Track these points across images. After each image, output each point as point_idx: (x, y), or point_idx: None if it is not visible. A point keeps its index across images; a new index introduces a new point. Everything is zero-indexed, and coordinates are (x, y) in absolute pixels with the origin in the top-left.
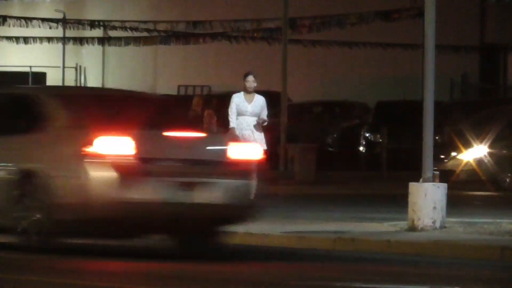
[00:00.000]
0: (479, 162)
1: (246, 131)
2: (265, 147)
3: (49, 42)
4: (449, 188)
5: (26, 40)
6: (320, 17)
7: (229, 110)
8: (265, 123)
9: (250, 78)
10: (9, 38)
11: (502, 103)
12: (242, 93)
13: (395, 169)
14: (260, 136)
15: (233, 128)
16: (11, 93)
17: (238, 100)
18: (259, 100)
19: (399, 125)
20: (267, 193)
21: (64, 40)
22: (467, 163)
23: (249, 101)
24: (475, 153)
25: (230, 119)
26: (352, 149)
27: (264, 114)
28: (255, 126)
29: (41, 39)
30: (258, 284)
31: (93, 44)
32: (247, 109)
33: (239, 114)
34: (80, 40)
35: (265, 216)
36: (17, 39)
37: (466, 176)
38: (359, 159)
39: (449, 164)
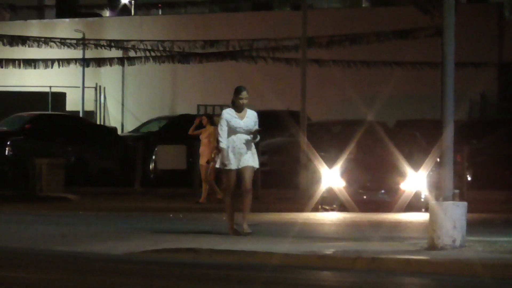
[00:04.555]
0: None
1: (241, 150)
2: (257, 166)
3: (68, 63)
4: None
5: (45, 62)
6: (338, 36)
7: (219, 128)
8: (257, 139)
9: (244, 94)
10: (27, 60)
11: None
12: (232, 109)
13: None
14: (254, 154)
15: (223, 149)
16: None
17: (229, 116)
18: (251, 115)
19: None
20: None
21: (84, 60)
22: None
23: (242, 117)
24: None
25: (220, 138)
26: None
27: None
28: (248, 143)
29: (60, 60)
30: None
31: (111, 65)
32: (240, 125)
33: (232, 131)
34: (99, 61)
35: (285, 235)
36: (35, 61)
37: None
38: None
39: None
